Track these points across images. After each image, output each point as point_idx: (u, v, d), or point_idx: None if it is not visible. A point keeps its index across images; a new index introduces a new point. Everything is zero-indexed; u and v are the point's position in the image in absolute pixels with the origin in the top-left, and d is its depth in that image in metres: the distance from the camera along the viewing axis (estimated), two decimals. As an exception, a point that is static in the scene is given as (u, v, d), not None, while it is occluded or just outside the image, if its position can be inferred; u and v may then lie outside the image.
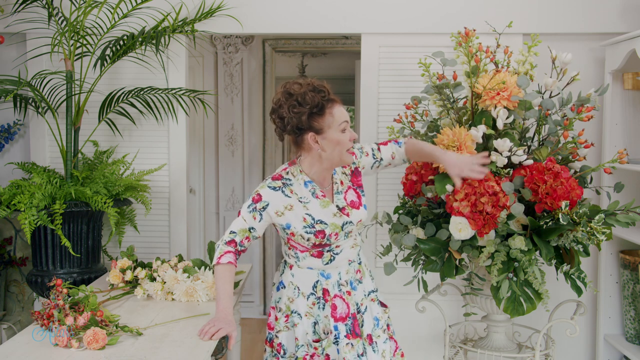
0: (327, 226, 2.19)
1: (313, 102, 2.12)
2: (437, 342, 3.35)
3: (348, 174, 2.33)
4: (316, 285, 2.27)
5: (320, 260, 2.26)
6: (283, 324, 2.28)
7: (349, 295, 2.30)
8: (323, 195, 2.24)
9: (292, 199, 2.20)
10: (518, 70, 2.69)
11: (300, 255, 2.27)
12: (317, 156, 2.20)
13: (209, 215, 5.12)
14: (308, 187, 2.23)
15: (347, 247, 2.29)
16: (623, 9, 3.18)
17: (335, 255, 2.26)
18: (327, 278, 2.28)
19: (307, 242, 2.21)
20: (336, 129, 2.16)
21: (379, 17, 3.25)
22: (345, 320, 2.27)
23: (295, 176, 2.24)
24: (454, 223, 2.45)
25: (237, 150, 5.06)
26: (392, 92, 3.25)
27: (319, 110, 2.13)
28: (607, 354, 3.24)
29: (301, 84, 2.16)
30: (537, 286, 2.42)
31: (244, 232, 2.21)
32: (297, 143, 2.22)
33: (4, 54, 3.40)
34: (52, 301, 2.13)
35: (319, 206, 2.21)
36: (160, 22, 3.09)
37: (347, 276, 2.31)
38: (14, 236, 3.52)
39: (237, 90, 5.03)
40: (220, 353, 2.70)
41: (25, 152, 3.47)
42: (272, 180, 2.23)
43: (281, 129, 2.20)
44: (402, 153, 2.42)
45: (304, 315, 2.26)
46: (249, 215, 2.20)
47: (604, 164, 2.59)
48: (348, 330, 2.26)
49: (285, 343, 2.28)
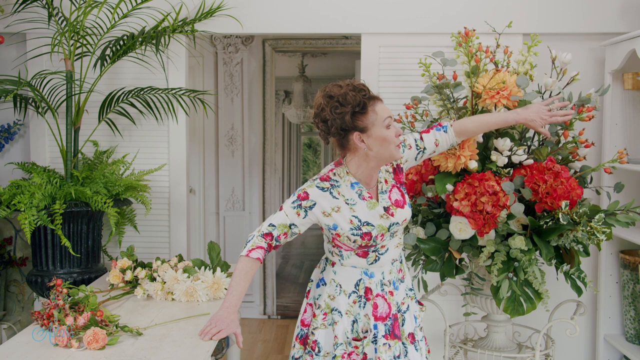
0: (374, 228, 2.17)
1: (355, 101, 2.10)
2: (437, 342, 3.35)
3: (391, 172, 2.31)
4: (359, 283, 2.24)
5: (365, 260, 2.23)
6: (321, 321, 2.24)
7: (391, 296, 2.27)
8: (370, 197, 2.21)
9: (340, 200, 2.18)
10: (518, 70, 2.69)
11: (345, 254, 2.24)
12: (364, 155, 2.17)
13: (209, 215, 5.12)
14: (355, 188, 2.21)
15: (392, 247, 2.26)
16: (623, 9, 3.18)
17: (380, 255, 2.24)
18: (371, 277, 2.25)
19: (353, 244, 2.19)
20: (381, 126, 2.13)
21: (379, 17, 3.25)
22: (385, 320, 2.24)
23: (342, 177, 2.21)
24: (454, 223, 2.45)
25: (237, 150, 5.07)
26: (392, 92, 3.25)
27: (362, 108, 2.11)
28: (607, 354, 3.24)
29: (341, 85, 2.14)
30: (537, 286, 2.42)
31: (284, 227, 2.17)
32: (342, 145, 2.19)
33: (4, 54, 3.40)
34: (52, 301, 2.13)
35: (365, 208, 2.19)
36: (160, 22, 3.09)
37: (390, 276, 2.28)
38: (14, 236, 3.52)
39: (237, 90, 5.03)
40: (220, 353, 2.70)
41: (25, 152, 3.47)
42: (321, 180, 2.20)
43: (325, 132, 2.17)
44: (451, 137, 2.38)
45: (345, 314, 2.24)
46: (292, 211, 2.17)
47: (604, 164, 2.59)
48: (387, 330, 2.23)
49: (321, 340, 2.23)
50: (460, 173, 2.49)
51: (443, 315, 2.84)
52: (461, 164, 2.45)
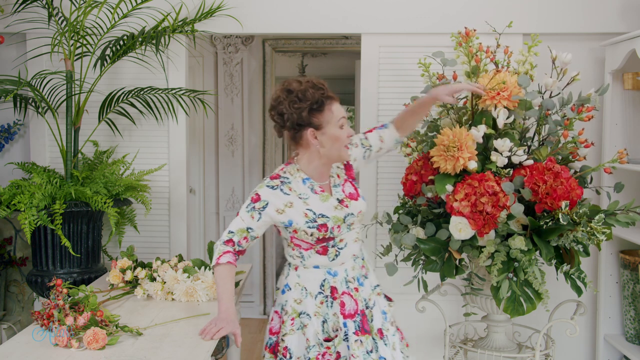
0: (329, 219, 2.20)
1: (313, 98, 2.16)
2: (437, 342, 3.35)
3: (342, 168, 2.37)
4: (324, 283, 2.27)
5: (326, 257, 2.25)
6: (289, 327, 2.25)
7: (357, 292, 2.30)
8: (322, 190, 2.26)
9: (292, 196, 2.22)
10: (518, 70, 2.69)
11: (305, 254, 2.26)
12: (315, 152, 2.23)
13: (209, 215, 5.12)
14: (306, 183, 2.25)
15: (350, 241, 2.29)
16: (623, 9, 3.18)
17: (340, 250, 2.26)
18: (335, 276, 2.27)
19: (311, 238, 2.20)
20: (335, 125, 2.19)
21: (379, 17, 3.25)
22: (354, 317, 2.26)
23: (292, 174, 2.26)
24: (454, 223, 2.45)
25: (237, 150, 5.06)
26: (392, 92, 3.25)
27: (319, 106, 2.17)
28: (607, 354, 3.24)
29: (300, 81, 2.20)
30: (537, 286, 2.42)
31: (242, 232, 2.21)
32: (296, 139, 2.24)
33: (4, 54, 3.40)
34: (52, 301, 2.13)
35: (319, 200, 2.23)
36: (160, 22, 3.09)
37: (354, 272, 2.31)
38: (14, 236, 3.52)
39: (237, 90, 5.03)
40: (220, 353, 2.70)
41: (25, 152, 3.47)
42: (270, 179, 2.25)
43: (280, 125, 2.23)
44: (392, 132, 2.45)
45: (313, 315, 2.25)
46: (247, 215, 2.21)
47: (604, 164, 2.59)
48: (357, 327, 2.25)
49: (292, 346, 2.24)
50: (460, 173, 2.49)
51: (443, 315, 2.84)
52: (460, 166, 2.45)
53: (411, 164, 2.73)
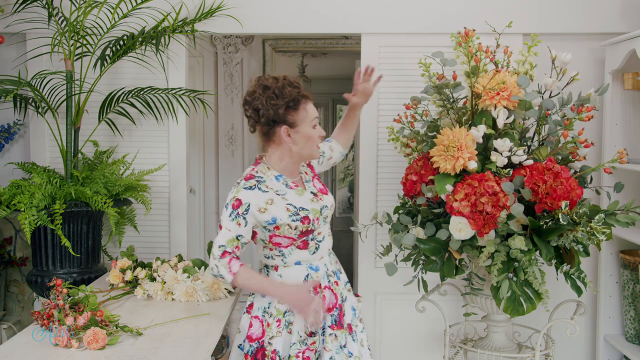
0: (309, 212, 2.22)
1: (290, 95, 2.19)
2: (437, 342, 3.35)
3: (306, 166, 2.42)
4: (307, 279, 2.27)
5: (307, 251, 2.26)
6: (276, 329, 2.21)
7: (337, 286, 2.33)
8: (296, 186, 2.29)
9: (270, 192, 2.21)
10: (518, 70, 2.69)
11: (286, 252, 2.25)
12: (287, 150, 2.25)
13: (209, 215, 5.12)
14: (280, 180, 2.26)
15: (326, 234, 2.32)
16: (623, 9, 3.18)
17: (319, 243, 2.28)
18: (317, 270, 2.29)
19: (295, 232, 2.20)
20: (309, 124, 2.23)
21: (379, 17, 3.25)
22: (332, 311, 2.28)
23: (265, 173, 2.26)
24: (454, 223, 2.45)
25: (237, 150, 5.06)
26: (392, 92, 3.25)
27: (295, 104, 2.20)
28: (607, 354, 3.24)
29: (277, 78, 2.23)
30: (537, 286, 2.42)
31: (232, 241, 2.16)
32: (269, 135, 2.26)
33: (4, 54, 3.40)
34: (52, 301, 2.13)
35: (295, 195, 2.25)
36: (160, 22, 3.09)
37: (332, 267, 2.35)
38: (14, 236, 3.52)
39: (237, 90, 5.03)
40: (220, 353, 2.70)
41: (25, 152, 3.47)
42: (246, 181, 2.21)
43: (254, 120, 2.25)
44: (337, 145, 2.55)
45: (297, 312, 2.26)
46: (232, 224, 2.16)
47: (604, 164, 2.59)
48: (333, 320, 2.28)
49: (279, 348, 2.20)
50: (460, 173, 2.49)
51: (443, 315, 2.84)
52: (460, 166, 2.45)
53: (411, 164, 2.73)
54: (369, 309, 3.35)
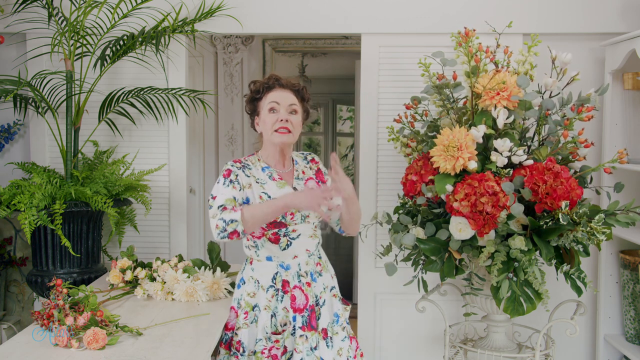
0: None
1: (256, 88, 2.36)
2: (437, 342, 3.35)
3: (314, 169, 2.45)
4: (275, 277, 2.31)
5: (277, 246, 2.29)
6: (243, 321, 2.30)
7: (309, 287, 2.33)
8: (280, 179, 2.33)
9: (251, 179, 2.30)
10: (518, 70, 2.69)
11: (259, 243, 2.31)
12: (265, 139, 2.36)
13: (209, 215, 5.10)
14: (265, 172, 2.34)
15: (304, 234, 2.32)
16: (623, 9, 3.18)
17: (292, 240, 2.30)
18: (287, 269, 2.32)
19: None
20: (265, 109, 2.32)
21: (379, 17, 3.25)
22: (303, 312, 2.29)
23: (254, 163, 2.36)
24: (454, 223, 2.45)
25: (237, 150, 5.06)
26: (392, 92, 3.25)
27: (260, 95, 2.35)
28: (607, 354, 3.24)
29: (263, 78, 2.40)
30: (537, 286, 2.42)
31: (231, 201, 2.20)
32: (255, 129, 2.42)
33: (4, 54, 3.40)
34: (52, 301, 2.13)
35: (275, 187, 2.30)
36: (160, 22, 3.09)
37: (307, 267, 2.35)
38: (14, 236, 3.52)
39: (237, 90, 5.03)
40: (220, 353, 2.69)
41: (25, 152, 3.47)
42: (234, 162, 2.34)
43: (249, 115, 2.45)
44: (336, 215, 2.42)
45: (264, 309, 2.29)
46: (227, 189, 2.23)
47: (604, 164, 2.59)
48: (304, 322, 2.29)
49: (244, 340, 2.29)
50: (460, 173, 2.49)
51: (443, 315, 2.84)
52: (460, 166, 2.45)
53: (411, 164, 2.73)
54: (369, 309, 3.35)
